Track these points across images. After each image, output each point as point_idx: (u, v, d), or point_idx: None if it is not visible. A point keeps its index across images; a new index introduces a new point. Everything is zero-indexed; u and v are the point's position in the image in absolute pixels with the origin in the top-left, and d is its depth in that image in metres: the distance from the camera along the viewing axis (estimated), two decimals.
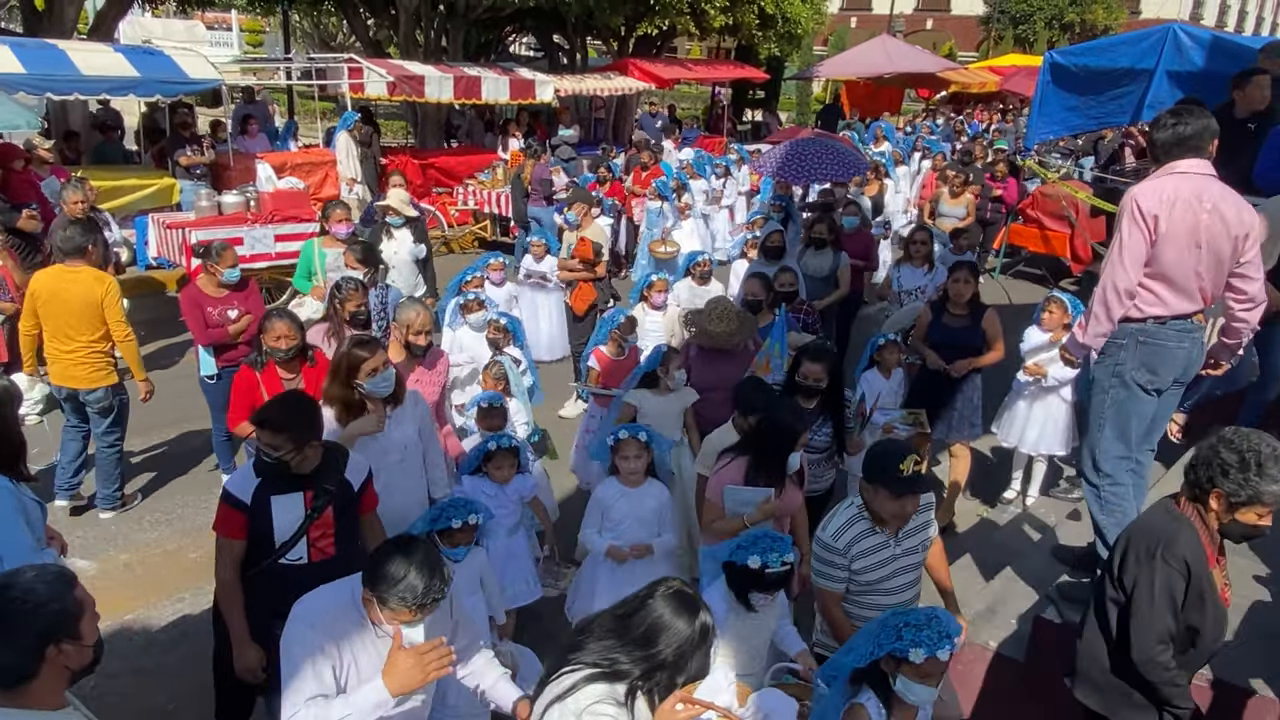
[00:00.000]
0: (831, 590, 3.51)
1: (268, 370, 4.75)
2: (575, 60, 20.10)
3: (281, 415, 3.27)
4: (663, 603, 2.47)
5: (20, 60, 8.94)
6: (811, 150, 9.62)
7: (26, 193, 8.34)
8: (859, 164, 9.91)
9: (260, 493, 3.29)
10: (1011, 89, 21.04)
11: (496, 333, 6.14)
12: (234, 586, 3.35)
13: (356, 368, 3.92)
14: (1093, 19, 35.83)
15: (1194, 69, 8.41)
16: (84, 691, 4.22)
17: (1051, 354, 5.55)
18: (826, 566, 3.47)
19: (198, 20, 27.83)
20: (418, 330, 4.63)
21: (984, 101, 24.97)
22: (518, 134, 14.82)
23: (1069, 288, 11.69)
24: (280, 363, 4.73)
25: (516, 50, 25.98)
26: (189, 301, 5.71)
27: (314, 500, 3.34)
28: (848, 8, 44.33)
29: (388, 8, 16.50)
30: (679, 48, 28.45)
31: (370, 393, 3.95)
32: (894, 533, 3.47)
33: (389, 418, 4.08)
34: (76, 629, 2.26)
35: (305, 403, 3.42)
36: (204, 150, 11.17)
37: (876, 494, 3.36)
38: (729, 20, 17.99)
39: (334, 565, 3.32)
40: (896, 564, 3.49)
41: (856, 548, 3.43)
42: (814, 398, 4.63)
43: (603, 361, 5.95)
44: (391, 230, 7.73)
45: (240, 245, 9.18)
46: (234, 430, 4.94)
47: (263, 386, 4.70)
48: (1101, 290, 3.85)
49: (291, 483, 3.31)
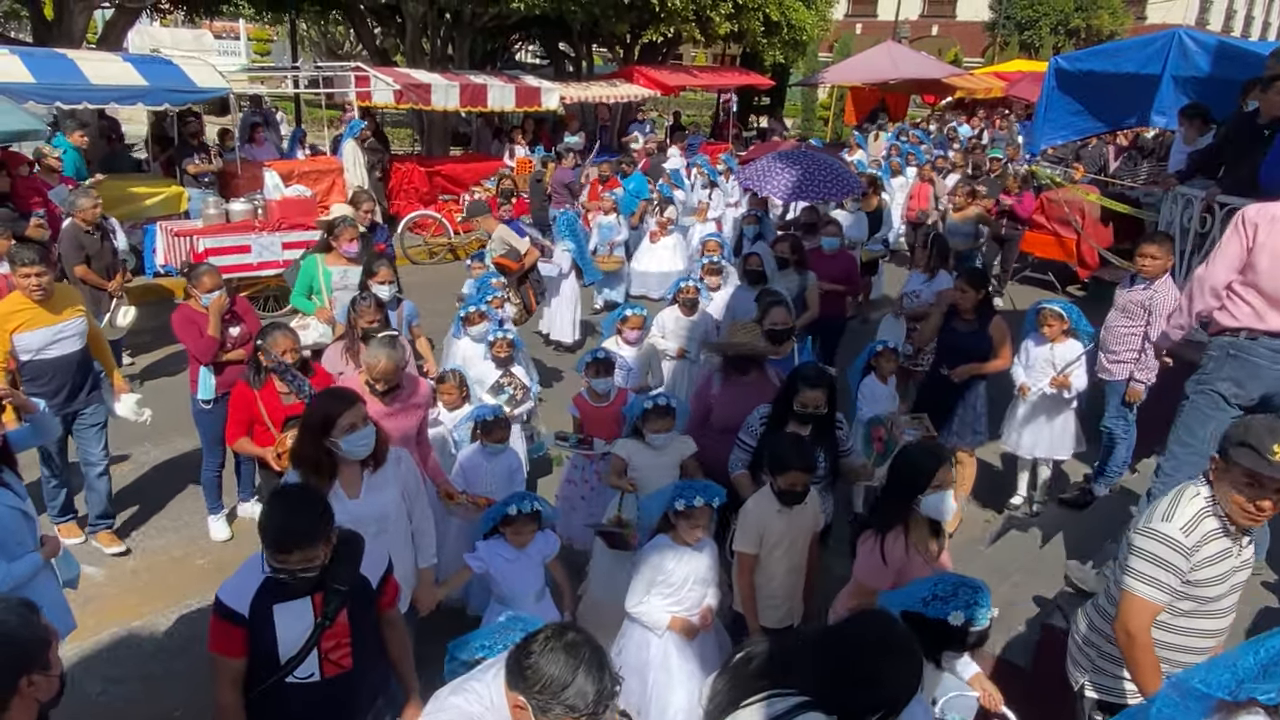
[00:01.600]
0: (1155, 601, 2.79)
1: (265, 386, 4.63)
2: (581, 68, 20.16)
3: (309, 524, 2.71)
4: (885, 648, 2.19)
5: (29, 69, 9.02)
6: (801, 165, 8.82)
7: (34, 201, 8.39)
8: (851, 181, 9.08)
9: (260, 601, 2.76)
10: (1017, 94, 21.06)
11: (501, 350, 5.88)
12: (235, 712, 2.83)
13: (331, 422, 3.32)
14: (1099, 24, 35.76)
15: (1200, 74, 8.41)
16: (91, 698, 4.24)
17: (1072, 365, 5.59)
18: (1158, 569, 2.76)
19: (206, 29, 28.01)
20: (378, 376, 4.14)
21: (990, 107, 24.95)
22: (523, 141, 14.86)
23: (1076, 293, 11.68)
24: (280, 377, 4.62)
25: (522, 58, 26.06)
26: (183, 320, 5.42)
27: (325, 605, 2.80)
28: (853, 14, 44.32)
29: (394, 16, 16.58)
30: (684, 55, 28.52)
31: (346, 454, 3.36)
32: (1240, 536, 2.79)
33: (366, 482, 3.50)
34: (46, 659, 2.20)
35: (315, 497, 2.92)
36: (212, 158, 11.22)
37: (1233, 478, 2.69)
38: (734, 27, 18.02)
39: (351, 680, 2.91)
40: (1234, 579, 2.86)
41: (1203, 551, 2.75)
42: (808, 425, 4.27)
43: (584, 409, 5.34)
44: None
45: (248, 253, 9.27)
46: (232, 447, 4.81)
47: (260, 402, 4.59)
48: (1191, 284, 4.06)
49: (297, 586, 2.78)
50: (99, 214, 7.38)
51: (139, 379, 8.02)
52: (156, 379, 8.05)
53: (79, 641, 4.57)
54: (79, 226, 7.22)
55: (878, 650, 2.19)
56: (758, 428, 4.41)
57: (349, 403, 3.37)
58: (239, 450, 4.85)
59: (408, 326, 6.07)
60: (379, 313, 5.22)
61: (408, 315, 6.13)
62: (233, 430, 4.68)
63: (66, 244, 7.24)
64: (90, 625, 4.75)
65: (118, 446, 6.71)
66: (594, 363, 5.24)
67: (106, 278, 7.37)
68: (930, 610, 2.73)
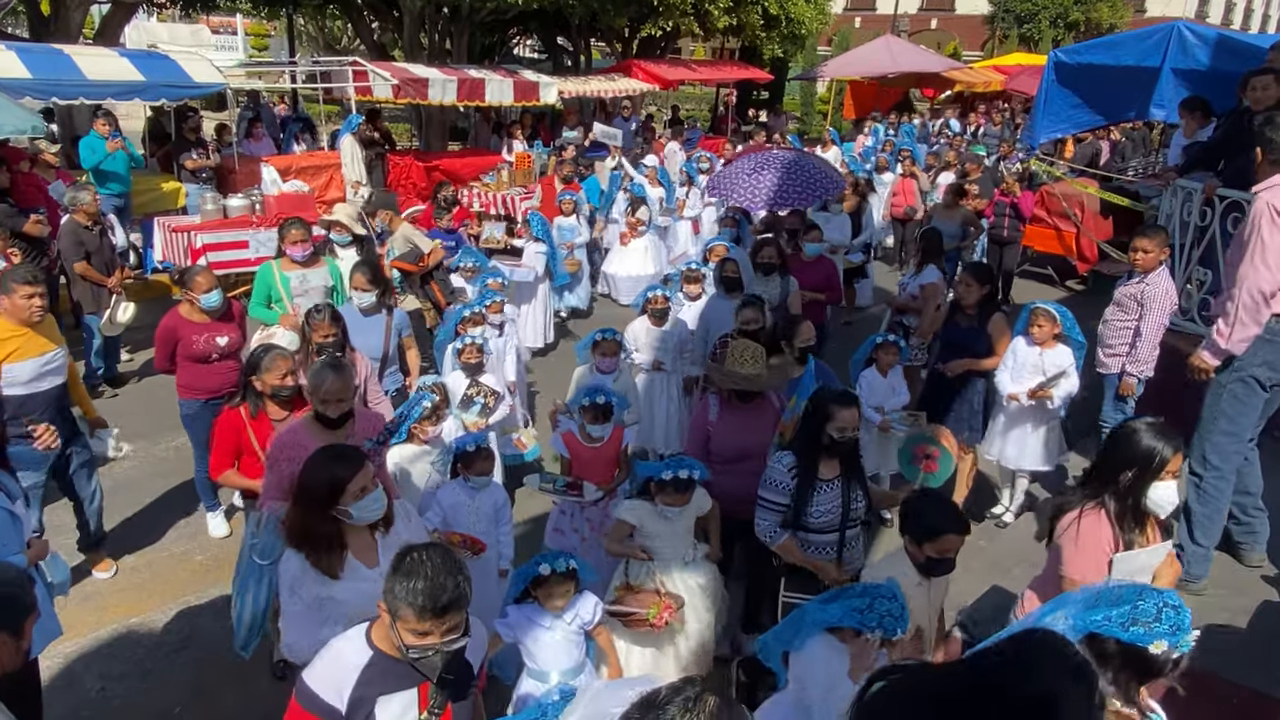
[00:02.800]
0: None
1: (261, 415, 4.23)
2: (579, 62, 20.12)
3: (459, 581, 2.30)
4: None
5: (26, 65, 8.99)
6: (772, 170, 7.83)
7: (34, 197, 8.38)
8: (834, 182, 8.05)
9: (362, 692, 2.35)
10: (1016, 88, 20.98)
11: (471, 356, 5.62)
12: None
13: (340, 489, 2.87)
14: (1098, 17, 35.67)
15: (1200, 67, 8.40)
16: (90, 694, 4.25)
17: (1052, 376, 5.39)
18: None
19: (203, 24, 27.95)
20: (325, 398, 3.73)
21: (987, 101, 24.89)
22: (520, 136, 14.82)
23: (1076, 287, 11.67)
24: (274, 402, 4.22)
25: (521, 53, 26.03)
26: (164, 332, 5.17)
27: (432, 697, 2.43)
28: (852, 8, 44.27)
29: (392, 11, 16.53)
30: (682, 49, 28.46)
31: (358, 520, 2.96)
32: None
33: (381, 545, 3.09)
34: (21, 625, 2.19)
35: (450, 553, 2.39)
36: (209, 154, 11.21)
37: None
38: (733, 21, 17.99)
39: None
40: None
41: None
42: (836, 455, 3.84)
43: (574, 448, 4.70)
44: (336, 249, 7.17)
45: (246, 249, 9.25)
46: (217, 480, 4.38)
47: (250, 429, 4.22)
48: (1244, 295, 4.05)
49: (405, 675, 2.39)
50: (98, 209, 7.38)
51: (138, 376, 8.03)
52: (155, 375, 8.02)
53: (78, 638, 4.58)
54: (78, 222, 7.21)
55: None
56: (788, 481, 3.82)
57: (355, 463, 2.92)
58: (224, 484, 4.40)
59: (398, 336, 5.78)
60: (334, 326, 4.77)
61: (397, 324, 5.79)
62: (217, 460, 4.27)
63: (66, 240, 7.24)
64: (89, 622, 4.75)
65: None
66: (592, 407, 4.63)
67: (106, 274, 7.36)
68: (1132, 636, 2.22)
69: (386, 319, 5.67)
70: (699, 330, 6.53)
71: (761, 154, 8.11)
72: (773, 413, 4.55)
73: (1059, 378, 5.36)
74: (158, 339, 5.20)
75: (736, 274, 6.43)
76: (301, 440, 3.67)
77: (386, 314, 5.70)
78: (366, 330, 5.53)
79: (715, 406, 4.54)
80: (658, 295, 6.35)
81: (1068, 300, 10.55)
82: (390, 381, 5.68)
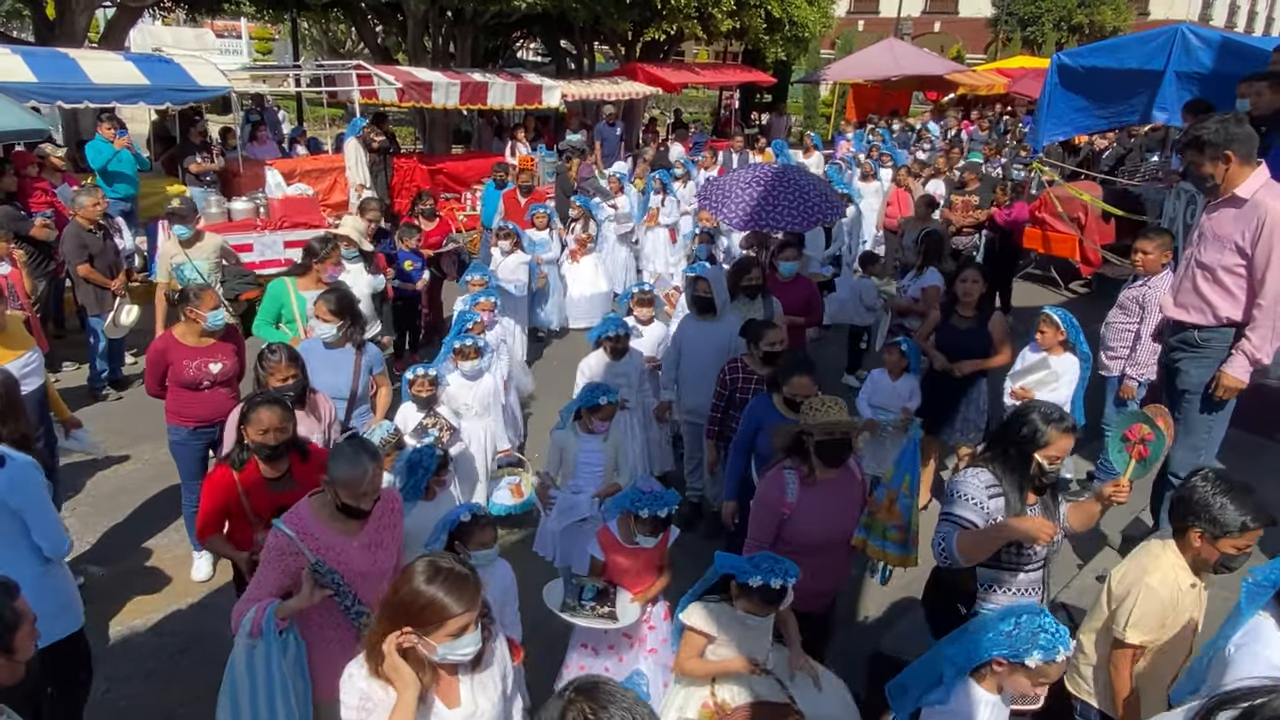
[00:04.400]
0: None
1: (248, 468, 3.76)
2: (582, 65, 20.16)
3: None
4: None
5: (31, 69, 9.04)
6: (768, 187, 6.99)
7: (41, 201, 8.42)
8: (832, 205, 7.21)
9: None
10: (1020, 91, 21.00)
11: (425, 389, 5.26)
12: None
13: (440, 621, 2.35)
14: (1101, 20, 35.72)
15: (1203, 70, 8.38)
16: (94, 696, 4.25)
17: (1038, 376, 5.43)
18: None
19: (207, 28, 28.07)
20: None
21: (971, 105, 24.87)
22: (523, 139, 14.85)
23: (1079, 290, 11.66)
24: (265, 458, 3.74)
25: (524, 56, 26.08)
26: (154, 354, 4.86)
27: None
28: (855, 10, 44.30)
29: (396, 15, 16.57)
30: (685, 52, 28.50)
31: (440, 660, 2.42)
32: None
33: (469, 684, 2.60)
34: (10, 642, 2.16)
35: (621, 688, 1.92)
36: (214, 157, 11.24)
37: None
38: (736, 24, 18.01)
39: None
40: None
41: None
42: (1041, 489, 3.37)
43: (610, 548, 3.89)
44: (344, 263, 6.82)
45: (250, 252, 9.28)
46: (203, 543, 3.92)
47: (241, 489, 3.72)
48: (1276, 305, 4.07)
49: None
50: (102, 212, 7.41)
51: (140, 379, 8.03)
52: None
53: None
54: (81, 225, 7.24)
55: None
56: (983, 499, 3.23)
57: (470, 596, 2.38)
58: (210, 549, 3.95)
59: (368, 374, 5.18)
60: (293, 367, 4.29)
61: (369, 361, 5.19)
62: (205, 522, 3.80)
63: (69, 243, 7.26)
64: (93, 623, 4.76)
65: (119, 446, 6.75)
66: (651, 520, 3.71)
67: (110, 276, 7.39)
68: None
69: (356, 355, 5.09)
70: (668, 355, 6.00)
71: (758, 168, 7.44)
72: (858, 486, 3.90)
73: (1044, 375, 5.40)
74: (148, 362, 4.92)
75: (709, 293, 5.78)
76: (313, 532, 3.13)
77: (356, 349, 5.11)
78: (333, 366, 4.96)
79: (793, 484, 3.71)
80: (616, 334, 5.77)
81: (1071, 303, 10.54)
82: (358, 421, 5.13)
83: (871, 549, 3.87)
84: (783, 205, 6.77)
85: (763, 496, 3.81)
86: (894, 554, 3.83)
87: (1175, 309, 4.48)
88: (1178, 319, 4.46)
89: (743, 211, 6.88)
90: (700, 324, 5.81)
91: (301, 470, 3.78)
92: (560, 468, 4.81)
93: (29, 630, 2.24)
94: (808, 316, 6.64)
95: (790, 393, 4.33)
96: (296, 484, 3.71)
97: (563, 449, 4.77)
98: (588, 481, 4.73)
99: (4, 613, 2.16)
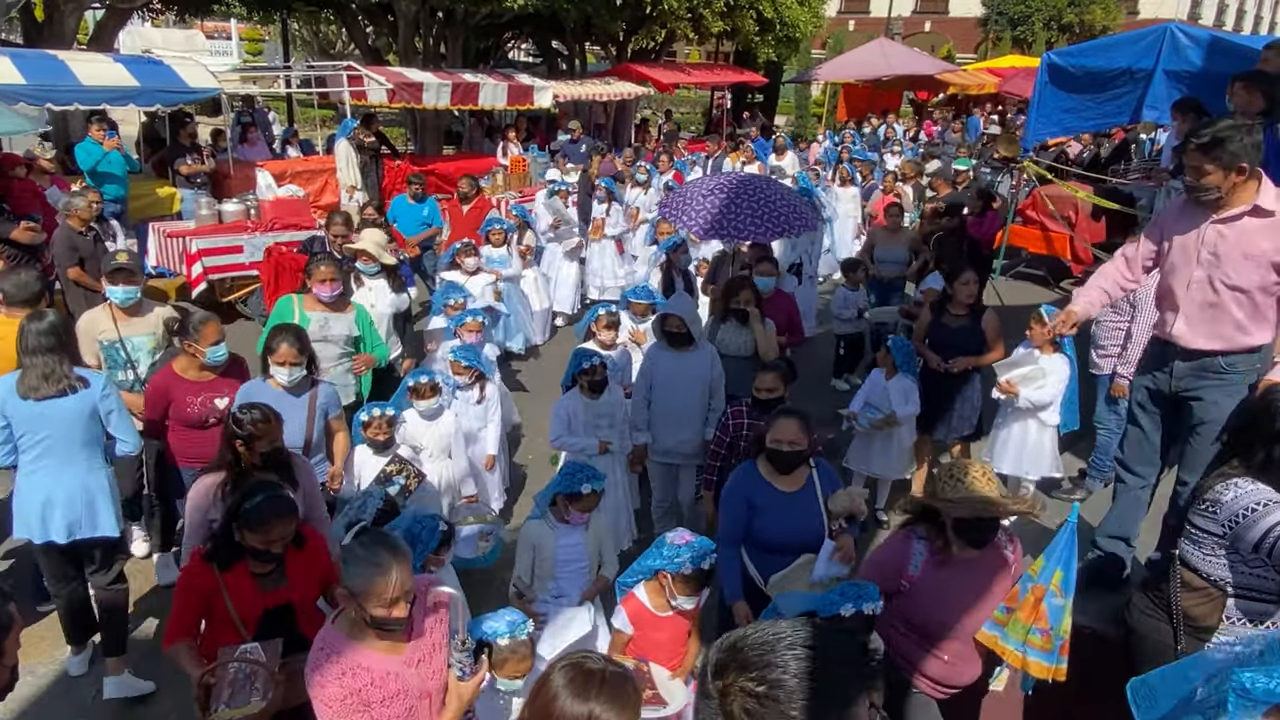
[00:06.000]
0: None
1: (237, 568, 3.14)
2: (574, 66, 20.16)
3: None
4: None
5: (20, 71, 8.99)
6: (733, 195, 6.44)
7: (29, 203, 8.36)
8: (801, 217, 6.53)
9: None
10: (1010, 90, 21.07)
11: (380, 431, 4.68)
12: None
13: None
14: (1091, 19, 35.84)
15: (1192, 69, 8.44)
16: (86, 701, 4.23)
17: (1024, 371, 5.44)
18: None
19: (197, 29, 27.96)
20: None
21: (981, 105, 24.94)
22: (515, 140, 14.84)
23: (1069, 288, 11.69)
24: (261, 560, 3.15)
25: (516, 56, 26.06)
26: (154, 392, 4.47)
27: None
28: (845, 10, 44.37)
29: (386, 15, 16.55)
30: (677, 52, 28.52)
31: None
32: None
33: None
34: (1, 644, 2.14)
35: None
36: (204, 159, 11.20)
37: None
38: (727, 26, 18.01)
39: None
40: None
41: None
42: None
43: (641, 619, 3.46)
44: (363, 278, 6.17)
45: (240, 254, 9.25)
46: (166, 651, 3.16)
47: (226, 593, 3.11)
48: None
49: None
50: (94, 215, 7.37)
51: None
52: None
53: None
54: (72, 228, 7.20)
55: None
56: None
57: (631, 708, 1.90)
58: (175, 658, 3.11)
59: (323, 418, 4.54)
60: (278, 430, 3.75)
61: (323, 404, 4.52)
62: (174, 626, 3.14)
63: (60, 246, 7.22)
64: None
65: None
66: (696, 574, 3.31)
67: (99, 279, 7.34)
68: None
69: (309, 398, 4.46)
70: (637, 390, 5.37)
71: (723, 175, 6.93)
72: (1004, 569, 3.23)
73: (1030, 370, 5.41)
74: (147, 401, 4.51)
75: (681, 328, 5.13)
76: (362, 664, 2.60)
77: (310, 390, 4.50)
78: (286, 413, 4.09)
79: (920, 555, 3.22)
80: (594, 365, 5.05)
81: (1062, 302, 10.57)
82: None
83: (1009, 653, 3.16)
84: (744, 214, 6.28)
85: (880, 560, 3.34)
86: (1038, 662, 3.11)
87: (1200, 339, 3.91)
88: (1199, 348, 3.92)
89: (702, 219, 6.39)
90: (672, 354, 5.22)
91: (296, 561, 3.23)
92: (534, 569, 3.98)
93: (16, 636, 2.21)
94: (789, 336, 6.15)
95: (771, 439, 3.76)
96: (289, 581, 3.21)
97: (536, 545, 3.95)
98: (571, 582, 3.97)
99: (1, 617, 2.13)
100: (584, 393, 5.10)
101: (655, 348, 5.36)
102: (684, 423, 5.19)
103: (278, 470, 3.66)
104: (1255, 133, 3.70)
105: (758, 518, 3.75)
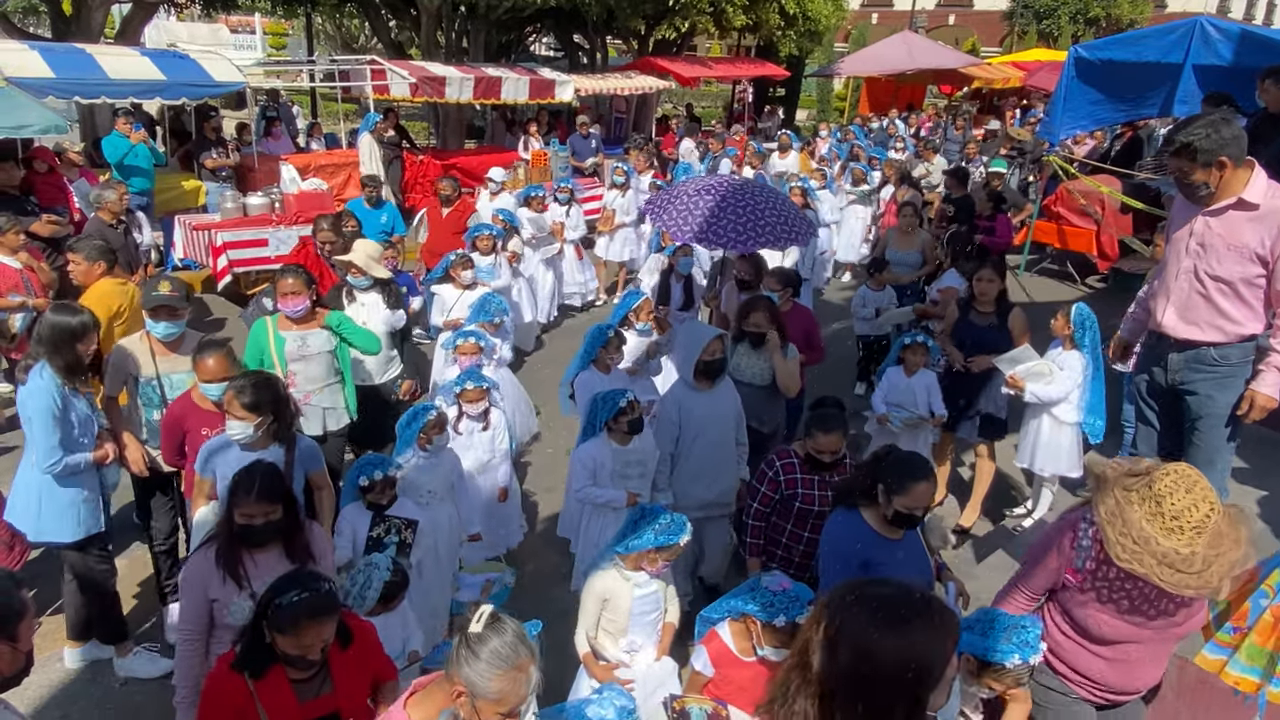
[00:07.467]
0: None
1: (272, 675, 2.65)
2: (595, 60, 20.14)
3: None
4: None
5: (49, 64, 9.09)
6: (724, 199, 5.93)
7: (55, 196, 8.46)
8: (794, 229, 6.01)
9: None
10: (1036, 84, 20.85)
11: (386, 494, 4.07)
12: None
13: None
14: (1118, 13, 35.39)
15: (1223, 62, 8.31)
16: (114, 688, 4.29)
17: (1029, 365, 5.37)
18: None
19: (222, 24, 28.13)
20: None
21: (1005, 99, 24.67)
22: (537, 134, 14.85)
23: (1096, 285, 11.58)
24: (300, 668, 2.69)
25: (537, 50, 26.08)
26: (171, 422, 4.17)
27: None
28: (869, 4, 44.06)
29: (409, 9, 16.60)
30: (699, 45, 28.44)
31: None
32: None
33: None
34: (15, 630, 2.20)
35: None
36: (229, 153, 11.29)
37: None
38: (750, 20, 17.93)
39: None
40: None
41: None
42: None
43: (724, 662, 3.21)
44: (354, 292, 5.74)
45: (265, 247, 9.33)
46: None
47: (260, 706, 2.63)
48: None
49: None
50: (124, 207, 7.45)
51: None
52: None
53: None
54: (103, 220, 7.27)
55: None
56: None
57: None
58: None
59: (301, 476, 4.00)
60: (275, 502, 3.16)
61: (301, 458, 3.98)
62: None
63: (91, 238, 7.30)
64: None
65: None
66: (790, 626, 3.00)
67: (129, 272, 7.41)
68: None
69: (286, 455, 3.85)
70: (662, 437, 4.64)
71: (713, 178, 6.54)
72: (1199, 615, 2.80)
73: (1035, 364, 5.36)
74: (164, 430, 4.25)
75: (718, 355, 4.60)
76: None
77: (285, 448, 3.87)
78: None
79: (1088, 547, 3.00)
80: (630, 403, 4.37)
81: (1088, 299, 10.46)
82: None
83: (1244, 681, 2.77)
84: (728, 221, 5.78)
85: (1038, 554, 3.04)
86: None
87: (1186, 327, 4.02)
88: (1188, 338, 4.03)
89: (685, 223, 5.92)
90: (704, 394, 4.60)
91: (341, 662, 2.76)
92: (600, 623, 3.61)
93: (30, 622, 2.28)
94: (808, 354, 5.60)
95: (905, 505, 3.21)
96: (334, 686, 2.74)
97: (608, 600, 3.56)
98: (646, 635, 3.64)
99: (12, 602, 2.19)
100: (616, 439, 4.44)
101: (682, 389, 4.68)
102: (723, 470, 4.65)
103: (286, 539, 3.17)
104: (1231, 125, 3.70)
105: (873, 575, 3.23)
